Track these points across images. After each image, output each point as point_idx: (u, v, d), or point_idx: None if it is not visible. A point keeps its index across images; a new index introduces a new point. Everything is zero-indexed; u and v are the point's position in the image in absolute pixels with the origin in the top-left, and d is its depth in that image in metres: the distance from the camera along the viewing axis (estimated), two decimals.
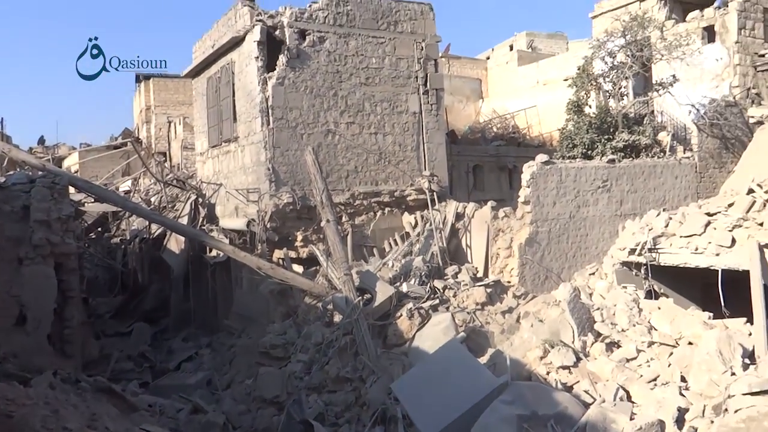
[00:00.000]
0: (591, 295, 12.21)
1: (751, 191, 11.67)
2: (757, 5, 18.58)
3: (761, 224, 10.81)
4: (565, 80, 20.14)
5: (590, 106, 18.35)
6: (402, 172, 17.22)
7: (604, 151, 16.85)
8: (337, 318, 12.73)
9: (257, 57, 15.52)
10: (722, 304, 10.54)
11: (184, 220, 17.90)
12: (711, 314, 10.38)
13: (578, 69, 18.47)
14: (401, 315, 12.53)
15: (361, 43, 16.68)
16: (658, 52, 17.47)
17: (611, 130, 17.39)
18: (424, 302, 13.07)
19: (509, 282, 14.83)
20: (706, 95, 18.07)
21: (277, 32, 15.64)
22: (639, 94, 18.76)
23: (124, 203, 17.69)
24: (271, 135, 15.50)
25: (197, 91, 20.33)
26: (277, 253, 15.55)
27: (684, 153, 17.21)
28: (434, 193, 16.78)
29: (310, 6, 16.08)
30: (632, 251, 12.13)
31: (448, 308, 13.16)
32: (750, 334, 9.46)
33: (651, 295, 12.10)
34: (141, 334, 17.50)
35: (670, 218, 12.18)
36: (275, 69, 15.62)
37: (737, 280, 10.60)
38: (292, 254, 15.62)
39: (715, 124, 17.30)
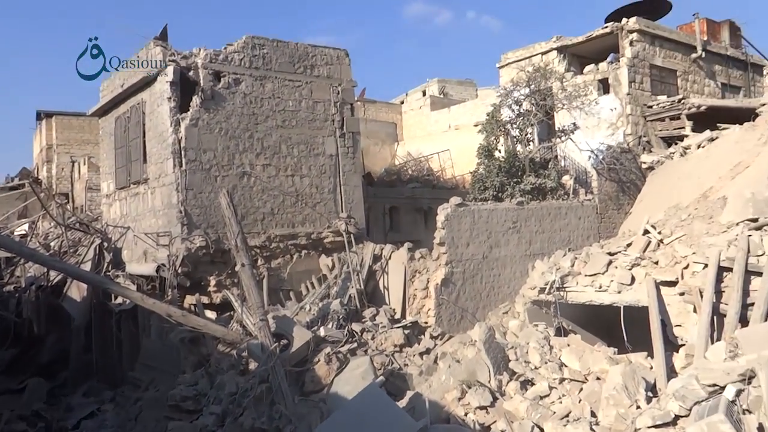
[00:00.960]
0: (505, 333, 12.56)
1: (646, 232, 12.56)
2: (644, 61, 20.35)
3: (656, 263, 11.59)
4: (476, 126, 21.02)
5: (500, 151, 19.19)
6: (319, 214, 17.17)
7: (513, 193, 17.58)
8: (253, 366, 12.30)
9: (170, 98, 15.16)
10: (625, 339, 11.14)
11: (88, 266, 16.86)
12: (616, 349, 10.93)
13: (487, 115, 19.35)
14: (319, 360, 12.29)
15: (277, 86, 16.71)
16: (560, 101, 18.64)
17: (519, 173, 18.21)
18: (342, 346, 12.90)
19: (426, 323, 14.95)
20: (603, 142, 19.41)
21: (190, 73, 15.39)
22: (544, 140, 19.84)
23: (19, 249, 16.45)
24: (183, 177, 15.06)
25: (105, 130, 19.51)
26: (189, 299, 14.93)
27: (586, 195, 18.27)
28: (351, 235, 16.81)
29: (225, 48, 15.98)
30: (542, 290, 12.64)
31: (366, 351, 13.05)
32: (651, 368, 10.01)
33: (561, 332, 12.60)
34: (36, 390, 16.08)
35: (576, 258, 12.84)
36: (188, 110, 15.30)
37: (638, 316, 11.27)
38: (205, 300, 15.06)
39: (612, 169, 18.55)
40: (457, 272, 15.32)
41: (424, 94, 38.35)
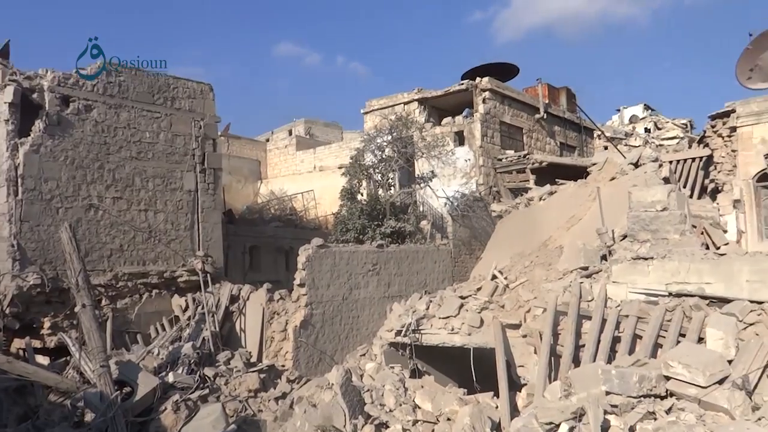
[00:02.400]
0: (362, 376, 12.61)
1: (494, 277, 13.39)
2: (495, 118, 22.09)
3: (503, 306, 12.36)
4: (340, 168, 21.41)
5: (362, 194, 19.64)
6: (173, 252, 16.34)
7: (374, 236, 18.00)
8: (90, 417, 11.21)
9: (7, 120, 13.82)
10: (474, 380, 11.67)
11: None
12: (465, 390, 11.40)
13: (351, 159, 19.80)
14: (166, 409, 11.49)
15: (134, 116, 15.89)
16: (419, 150, 19.58)
17: (380, 216, 18.74)
18: (192, 393, 12.20)
19: (284, 366, 14.65)
20: (458, 190, 20.62)
21: (34, 95, 14.17)
22: (404, 186, 20.65)
23: None
24: (18, 207, 13.68)
25: None
26: (18, 343, 13.39)
27: (441, 240, 19.19)
28: (208, 275, 16.16)
29: (76, 72, 14.96)
30: (398, 332, 12.92)
31: (218, 398, 12.46)
32: (496, 407, 10.56)
33: (416, 374, 12.92)
34: None
35: (431, 301, 13.32)
36: (30, 135, 14.02)
37: (489, 357, 11.87)
38: (37, 343, 13.58)
39: (466, 216, 19.70)
40: (317, 314, 15.26)
41: (291, 133, 38.47)
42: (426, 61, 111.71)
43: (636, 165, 15.88)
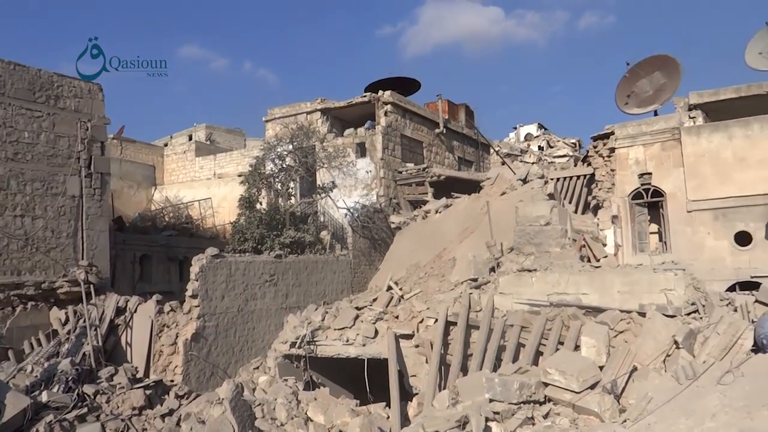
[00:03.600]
0: (254, 390, 12.34)
1: (390, 288, 13.59)
2: (396, 131, 22.50)
3: (397, 317, 12.56)
4: (239, 176, 20.95)
5: (261, 203, 19.31)
6: (53, 261, 15.26)
7: (273, 246, 17.72)
8: None
9: None
10: (368, 390, 11.75)
11: None
12: (358, 401, 11.45)
13: (251, 167, 19.43)
14: (38, 431, 10.67)
15: (11, 114, 14.73)
16: (320, 160, 19.56)
17: (280, 226, 18.49)
18: (68, 412, 11.40)
19: (173, 381, 14.01)
20: (359, 201, 20.77)
21: None
22: (305, 196, 20.53)
23: None
24: None
25: None
26: None
27: (341, 251, 19.21)
28: (92, 285, 15.20)
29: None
30: (293, 344, 12.78)
31: (98, 417, 11.71)
32: (388, 417, 10.68)
33: (310, 386, 12.81)
34: None
35: (327, 312, 13.30)
36: None
37: (385, 367, 11.98)
38: None
39: (366, 227, 19.86)
40: (210, 326, 14.76)
41: (191, 138, 37.19)
42: (335, 72, 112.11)
43: (524, 181, 16.73)
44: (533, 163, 32.94)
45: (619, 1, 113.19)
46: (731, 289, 14.77)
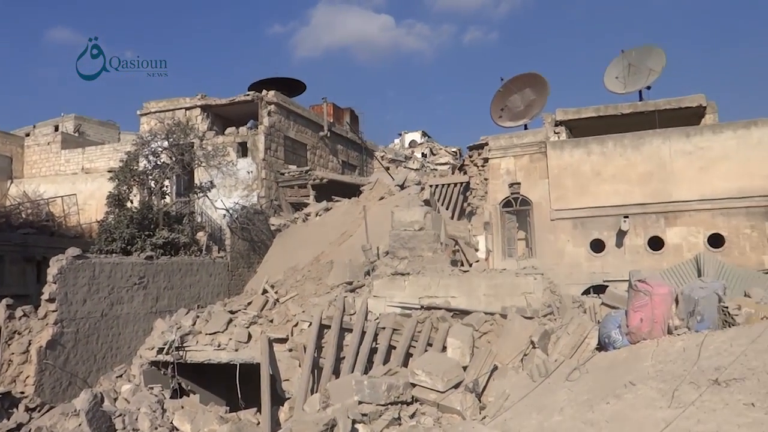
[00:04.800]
0: (116, 399, 11.66)
1: (265, 291, 13.39)
2: (280, 132, 22.23)
3: (272, 321, 12.40)
4: (109, 171, 19.71)
5: (132, 201, 18.28)
6: None
7: (144, 246, 16.81)
8: None
9: None
10: (239, 396, 11.49)
11: None
12: (228, 408, 11.17)
13: (121, 162, 18.35)
14: None
15: None
16: (198, 158, 18.86)
17: (152, 226, 17.58)
18: None
19: (23, 393, 12.87)
20: (239, 202, 20.27)
21: None
22: (181, 195, 19.69)
23: None
24: None
25: None
26: None
27: (219, 253, 18.63)
28: None
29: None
30: (161, 350, 12.23)
31: None
32: (258, 423, 10.50)
33: (178, 393, 12.31)
34: None
35: (198, 316, 12.85)
36: None
37: (256, 373, 11.76)
38: None
39: (245, 229, 19.41)
40: (69, 332, 13.73)
41: (57, 129, 34.46)
42: (219, 68, 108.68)
43: (402, 187, 17.17)
44: (416, 169, 33.91)
45: (502, 18, 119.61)
46: (587, 292, 16.07)
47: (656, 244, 16.25)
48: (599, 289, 15.34)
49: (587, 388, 8.00)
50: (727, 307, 7.97)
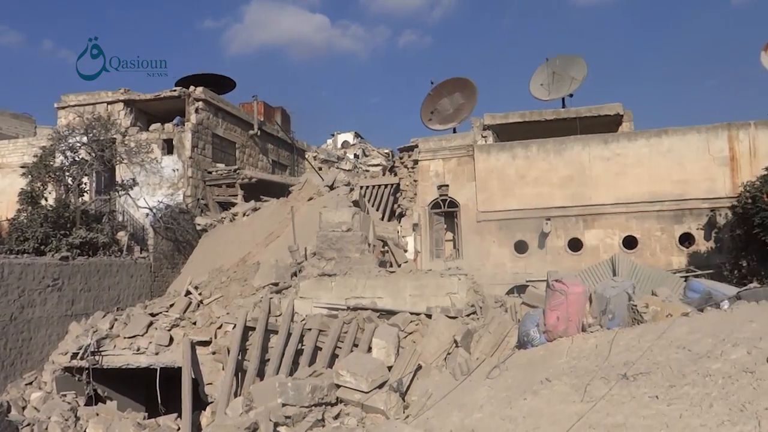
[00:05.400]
0: (25, 408, 11.03)
1: (188, 293, 13.01)
2: (208, 129, 21.68)
3: (195, 323, 12.07)
4: (22, 167, 18.62)
5: (47, 199, 17.34)
6: None
7: (59, 246, 15.98)
8: None
9: None
10: (159, 401, 11.11)
11: None
12: (146, 414, 10.78)
13: (35, 158, 17.38)
14: None
15: None
16: (120, 155, 18.10)
17: (69, 225, 16.75)
18: None
19: None
20: (163, 201, 19.61)
21: None
22: (101, 193, 18.85)
23: None
24: None
25: None
26: None
27: (141, 253, 17.95)
28: None
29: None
30: (75, 355, 11.66)
31: None
32: (178, 429, 10.19)
33: (93, 400, 11.77)
34: None
35: (116, 319, 12.35)
36: None
37: (179, 377, 11.39)
38: None
39: (169, 228, 18.80)
40: None
41: None
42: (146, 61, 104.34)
43: (332, 187, 17.12)
44: (349, 170, 33.92)
45: (436, 23, 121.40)
46: (511, 292, 16.54)
47: (576, 245, 16.94)
48: (522, 289, 15.79)
49: (506, 385, 8.23)
50: (636, 306, 8.40)
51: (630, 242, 16.51)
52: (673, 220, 16.22)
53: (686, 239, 16.15)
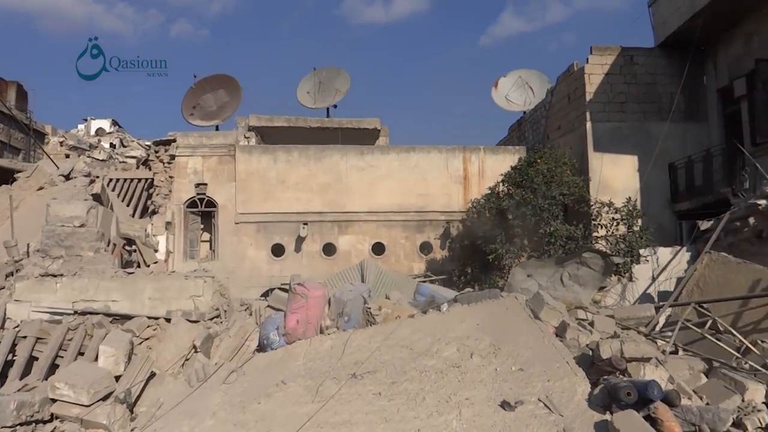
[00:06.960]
0: None
1: None
2: None
3: None
4: None
5: None
6: None
7: None
8: None
9: None
10: None
11: None
12: None
13: None
14: None
15: None
16: None
17: None
18: None
19: None
20: None
21: None
22: None
23: None
24: None
25: None
26: None
27: None
28: None
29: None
30: None
31: None
32: None
33: None
34: None
35: None
36: None
37: None
38: None
39: None
40: None
41: None
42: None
43: (68, 177, 15.32)
44: (103, 160, 30.85)
45: (214, 16, 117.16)
46: (266, 294, 16.50)
47: (330, 250, 17.58)
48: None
49: (242, 389, 8.10)
50: (370, 308, 8.92)
51: (379, 248, 17.65)
52: (415, 229, 17.76)
53: (426, 247, 17.81)
